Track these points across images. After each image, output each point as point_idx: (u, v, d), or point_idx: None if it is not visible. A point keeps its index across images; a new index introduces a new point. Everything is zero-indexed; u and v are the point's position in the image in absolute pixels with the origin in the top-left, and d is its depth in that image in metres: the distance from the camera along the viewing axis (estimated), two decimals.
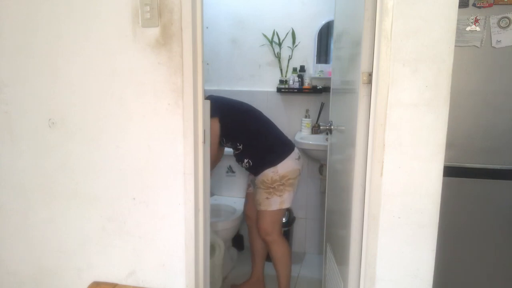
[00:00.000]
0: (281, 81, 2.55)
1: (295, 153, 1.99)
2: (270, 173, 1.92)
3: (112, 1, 1.19)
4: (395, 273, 1.21)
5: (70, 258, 1.41)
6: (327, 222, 1.92)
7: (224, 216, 2.40)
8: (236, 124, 1.96)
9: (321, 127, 1.82)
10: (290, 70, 2.56)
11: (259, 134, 2.00)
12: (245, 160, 1.98)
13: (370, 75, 1.15)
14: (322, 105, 2.52)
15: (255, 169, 1.98)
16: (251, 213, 2.16)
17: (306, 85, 2.50)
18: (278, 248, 2.02)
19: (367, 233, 1.20)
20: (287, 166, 1.93)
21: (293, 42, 2.52)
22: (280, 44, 2.54)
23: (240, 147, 1.96)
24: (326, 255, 1.86)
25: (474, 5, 1.69)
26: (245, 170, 2.08)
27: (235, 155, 2.05)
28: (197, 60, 1.20)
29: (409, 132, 1.12)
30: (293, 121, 2.61)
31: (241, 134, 1.97)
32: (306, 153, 2.43)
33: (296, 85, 2.50)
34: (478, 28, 1.70)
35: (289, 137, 2.10)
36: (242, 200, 2.54)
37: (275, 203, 1.94)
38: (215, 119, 1.86)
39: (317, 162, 2.51)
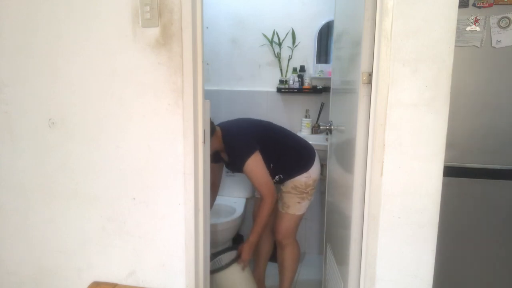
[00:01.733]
0: (281, 81, 2.55)
1: (317, 154, 1.99)
2: (303, 179, 1.90)
3: (112, 1, 1.19)
4: (395, 273, 1.21)
5: (70, 258, 1.41)
6: (327, 222, 1.92)
7: (224, 216, 2.40)
8: (266, 147, 1.86)
9: (321, 127, 1.82)
10: (290, 70, 2.56)
11: (286, 147, 1.95)
12: (276, 177, 1.93)
13: (370, 75, 1.15)
14: (322, 105, 2.52)
15: (284, 180, 1.94)
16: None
17: (306, 85, 2.50)
18: (291, 252, 2.02)
19: (367, 233, 1.20)
20: (316, 169, 1.94)
21: (293, 42, 2.52)
22: (280, 44, 2.54)
23: (271, 166, 1.89)
24: (326, 255, 1.86)
25: (474, 5, 1.69)
26: None
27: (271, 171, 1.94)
28: (197, 60, 1.20)
29: (409, 132, 1.12)
30: (293, 121, 2.61)
31: (271, 155, 1.88)
32: None
33: (296, 85, 2.50)
34: (478, 28, 1.70)
35: None
36: (242, 200, 2.54)
37: (305, 207, 1.95)
38: (256, 153, 1.80)
39: None
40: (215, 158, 1.98)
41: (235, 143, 1.84)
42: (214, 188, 2.18)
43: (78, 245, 1.39)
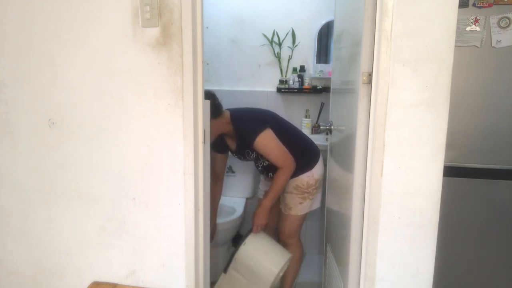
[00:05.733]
0: (281, 81, 2.55)
1: (321, 155, 1.97)
2: (305, 178, 1.88)
3: (112, 1, 1.19)
4: (395, 273, 1.21)
5: (70, 258, 1.41)
6: (327, 222, 1.92)
7: (224, 216, 2.40)
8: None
9: (321, 127, 1.82)
10: (290, 70, 2.56)
11: (291, 141, 1.90)
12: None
13: (370, 75, 1.15)
14: (322, 105, 2.52)
15: None
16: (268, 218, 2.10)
17: (306, 85, 2.50)
18: (295, 251, 2.02)
19: (367, 233, 1.20)
20: (320, 169, 1.93)
21: (293, 42, 2.52)
22: (280, 44, 2.54)
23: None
24: (326, 255, 1.86)
25: (474, 5, 1.69)
26: (250, 173, 2.00)
27: (264, 168, 1.91)
28: (197, 60, 1.20)
29: (409, 132, 1.12)
30: (293, 121, 2.56)
31: None
32: None
33: (296, 85, 2.50)
34: (478, 28, 1.70)
35: None
36: (242, 200, 2.54)
37: (306, 207, 1.93)
38: (268, 129, 1.77)
39: None
40: (220, 147, 1.97)
41: (244, 121, 1.80)
42: (219, 181, 2.15)
43: (78, 245, 1.39)
